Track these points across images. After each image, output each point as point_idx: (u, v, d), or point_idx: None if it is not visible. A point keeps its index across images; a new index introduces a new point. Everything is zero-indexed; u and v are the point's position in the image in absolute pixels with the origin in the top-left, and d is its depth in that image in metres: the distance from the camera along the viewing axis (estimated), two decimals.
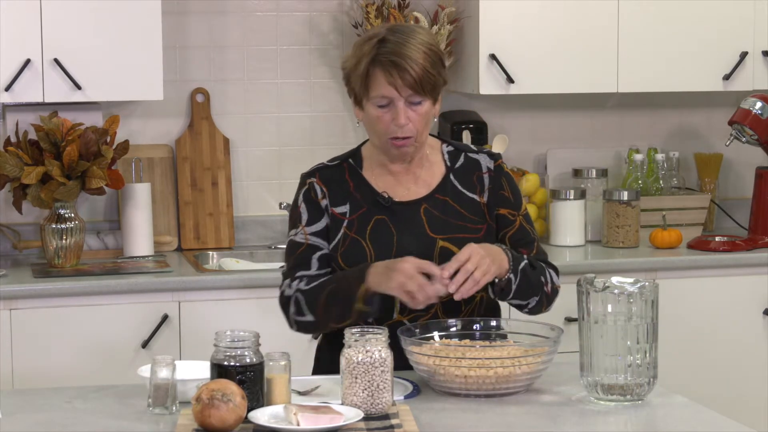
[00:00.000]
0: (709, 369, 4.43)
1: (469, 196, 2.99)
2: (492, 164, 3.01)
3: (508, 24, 4.47)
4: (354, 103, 2.95)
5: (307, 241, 2.95)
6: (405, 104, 2.85)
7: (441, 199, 2.97)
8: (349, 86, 2.93)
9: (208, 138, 4.62)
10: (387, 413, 2.56)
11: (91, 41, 4.16)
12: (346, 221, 2.95)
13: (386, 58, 2.83)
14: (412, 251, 2.88)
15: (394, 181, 2.99)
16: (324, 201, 2.97)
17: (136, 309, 4.02)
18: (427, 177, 3.00)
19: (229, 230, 4.61)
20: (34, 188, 4.14)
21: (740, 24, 4.64)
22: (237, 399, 2.43)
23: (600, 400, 2.68)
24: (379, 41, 2.85)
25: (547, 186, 4.81)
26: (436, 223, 2.95)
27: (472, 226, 2.96)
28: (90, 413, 2.63)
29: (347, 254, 2.93)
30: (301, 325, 2.94)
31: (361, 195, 2.97)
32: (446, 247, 2.92)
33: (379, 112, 2.87)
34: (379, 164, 3.00)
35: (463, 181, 3.00)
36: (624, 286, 2.66)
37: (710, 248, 4.53)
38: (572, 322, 4.02)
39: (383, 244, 2.92)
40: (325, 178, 2.99)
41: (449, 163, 3.01)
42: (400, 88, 2.83)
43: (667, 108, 5.03)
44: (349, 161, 3.02)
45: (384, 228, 2.94)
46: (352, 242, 2.94)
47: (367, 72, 2.85)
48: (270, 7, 4.67)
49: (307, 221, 2.97)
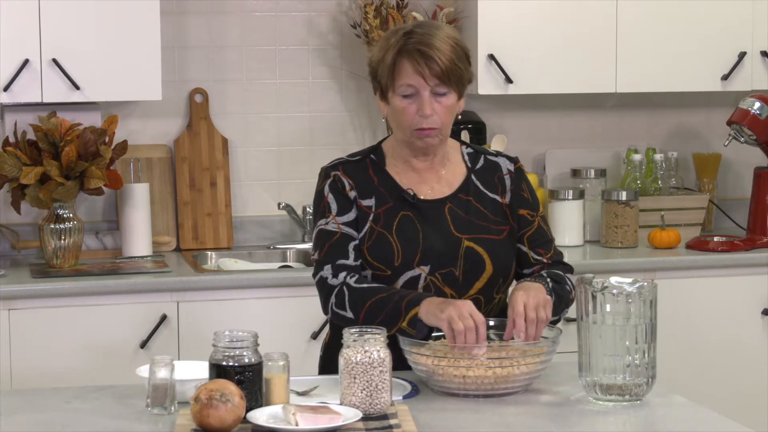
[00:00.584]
0: (707, 369, 4.43)
1: (491, 197, 3.00)
2: (512, 166, 3.04)
3: (507, 24, 4.48)
4: (379, 98, 2.95)
5: (340, 230, 2.94)
6: (430, 95, 2.86)
7: (464, 199, 2.98)
8: (375, 80, 2.93)
9: (207, 138, 4.61)
10: (386, 413, 2.56)
11: (90, 41, 4.16)
12: (372, 215, 2.95)
13: (414, 47, 2.85)
14: (437, 249, 2.91)
15: (418, 178, 2.99)
16: (352, 192, 2.96)
17: (135, 309, 4.02)
18: (449, 176, 3.01)
19: (228, 230, 4.61)
20: (32, 188, 4.14)
21: (739, 24, 4.65)
22: (236, 399, 2.43)
23: (599, 400, 2.68)
24: (405, 33, 2.88)
25: (545, 186, 4.81)
26: (461, 222, 2.96)
27: (495, 227, 2.97)
28: (89, 413, 2.63)
29: (374, 248, 2.93)
30: (337, 317, 2.93)
31: (386, 190, 2.97)
32: (471, 247, 2.93)
33: (404, 103, 2.88)
34: (402, 160, 3.00)
35: (485, 182, 3.01)
36: (623, 286, 2.66)
37: (709, 248, 4.53)
38: (571, 322, 4.02)
39: (409, 240, 2.93)
40: (349, 172, 2.99)
41: (470, 164, 3.03)
42: (427, 77, 2.85)
43: (665, 108, 5.04)
44: (371, 157, 3.02)
45: (410, 224, 2.94)
46: (379, 236, 2.94)
47: (394, 62, 2.87)
48: (269, 7, 4.67)
49: (337, 211, 2.95)
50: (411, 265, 2.91)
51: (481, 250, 2.93)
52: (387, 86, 2.90)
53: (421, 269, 2.91)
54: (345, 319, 2.90)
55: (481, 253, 2.93)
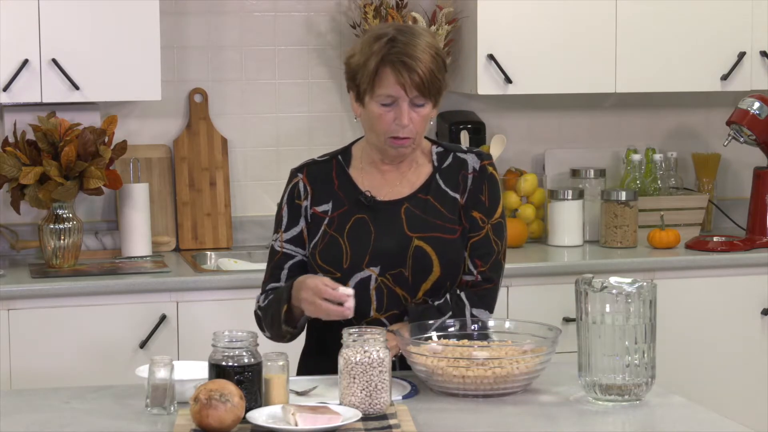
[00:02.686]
0: (707, 369, 4.43)
1: (452, 195, 2.98)
2: (478, 164, 3.00)
3: (507, 24, 4.47)
4: (354, 99, 2.95)
5: (282, 249, 2.99)
6: (408, 105, 2.86)
7: (423, 198, 2.97)
8: (353, 82, 2.93)
9: (206, 138, 4.61)
10: (385, 413, 2.56)
11: (89, 41, 4.16)
12: (327, 219, 2.96)
13: (397, 57, 2.84)
14: (388, 249, 2.91)
15: (381, 179, 2.99)
16: (305, 202, 2.98)
17: (134, 309, 4.02)
18: (412, 177, 3.00)
19: (227, 230, 4.60)
20: (32, 188, 4.14)
21: (738, 24, 4.64)
22: (235, 399, 2.43)
23: (598, 401, 2.68)
24: (389, 41, 2.86)
25: (545, 186, 4.81)
26: (415, 222, 2.94)
27: (450, 225, 2.95)
28: (88, 413, 2.63)
29: (324, 252, 2.94)
30: (273, 338, 3.00)
31: (344, 193, 2.98)
32: (420, 247, 2.92)
33: (381, 111, 2.88)
34: (369, 162, 3.00)
35: (448, 180, 2.99)
36: (622, 286, 2.66)
37: (708, 248, 4.53)
38: (570, 322, 4.02)
39: (360, 243, 2.93)
40: (312, 176, 3.00)
41: (437, 163, 3.01)
42: (408, 88, 2.84)
43: (665, 108, 5.03)
44: (339, 158, 3.03)
45: (363, 227, 2.95)
46: (330, 240, 2.95)
47: (376, 70, 2.85)
48: (268, 7, 4.67)
49: (285, 226, 3.00)
50: (360, 266, 2.92)
51: (430, 250, 2.90)
52: (365, 91, 2.89)
53: (371, 270, 2.91)
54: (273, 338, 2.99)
55: (429, 253, 2.90)
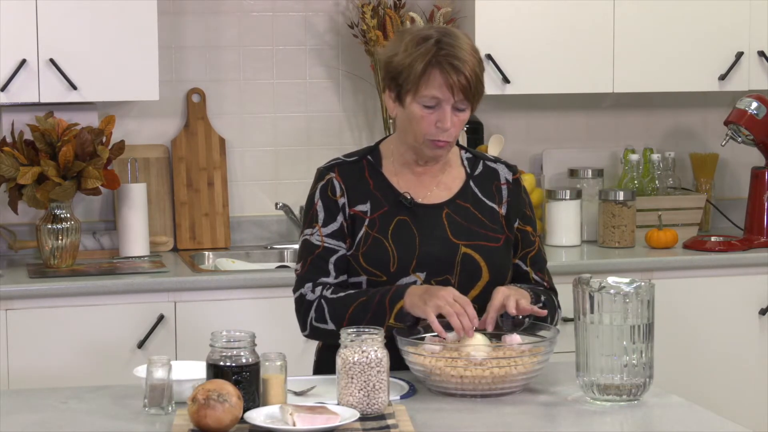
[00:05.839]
0: (705, 369, 4.43)
1: (489, 204, 2.98)
2: (510, 176, 3.02)
3: (504, 24, 4.48)
4: (393, 99, 2.89)
5: (323, 244, 2.92)
6: (451, 109, 2.84)
7: (463, 205, 2.96)
8: (395, 82, 2.87)
9: (204, 138, 4.61)
10: (383, 413, 2.56)
11: (87, 41, 4.16)
12: (367, 220, 2.92)
13: (446, 59, 2.81)
14: (434, 255, 2.89)
15: (416, 181, 2.97)
16: (342, 199, 2.93)
17: (132, 309, 4.02)
18: (448, 180, 2.99)
19: (225, 230, 4.60)
20: (29, 188, 4.14)
21: (736, 24, 4.65)
22: (233, 399, 2.43)
23: (596, 401, 2.68)
24: (435, 42, 2.83)
25: (543, 186, 4.81)
26: (458, 228, 2.93)
27: (493, 234, 2.95)
28: (86, 413, 2.63)
29: (369, 254, 2.90)
30: (318, 332, 2.92)
31: (382, 194, 2.94)
32: (468, 254, 2.91)
33: (424, 112, 2.85)
34: (402, 163, 2.97)
35: (483, 188, 2.99)
36: (620, 286, 2.66)
37: (706, 248, 4.53)
38: (568, 322, 4.03)
39: (406, 246, 2.90)
40: (344, 175, 2.95)
41: (469, 169, 3.01)
42: (456, 91, 2.82)
43: (662, 108, 5.04)
44: (368, 158, 2.99)
45: (406, 229, 2.92)
46: (374, 241, 2.91)
47: (424, 71, 2.82)
48: (266, 7, 4.67)
49: (323, 221, 2.93)
50: (407, 271, 2.89)
51: (479, 257, 2.91)
52: (408, 92, 2.85)
53: (417, 276, 2.89)
54: (326, 332, 2.89)
55: (479, 260, 2.91)
